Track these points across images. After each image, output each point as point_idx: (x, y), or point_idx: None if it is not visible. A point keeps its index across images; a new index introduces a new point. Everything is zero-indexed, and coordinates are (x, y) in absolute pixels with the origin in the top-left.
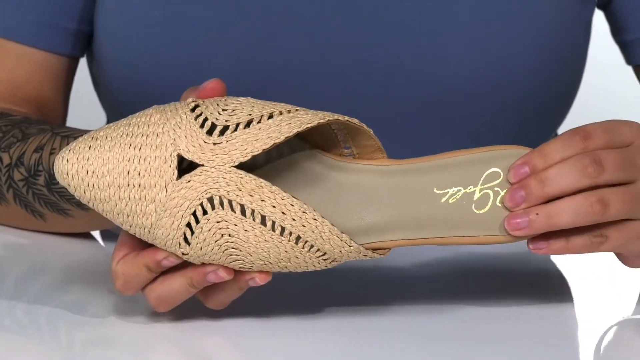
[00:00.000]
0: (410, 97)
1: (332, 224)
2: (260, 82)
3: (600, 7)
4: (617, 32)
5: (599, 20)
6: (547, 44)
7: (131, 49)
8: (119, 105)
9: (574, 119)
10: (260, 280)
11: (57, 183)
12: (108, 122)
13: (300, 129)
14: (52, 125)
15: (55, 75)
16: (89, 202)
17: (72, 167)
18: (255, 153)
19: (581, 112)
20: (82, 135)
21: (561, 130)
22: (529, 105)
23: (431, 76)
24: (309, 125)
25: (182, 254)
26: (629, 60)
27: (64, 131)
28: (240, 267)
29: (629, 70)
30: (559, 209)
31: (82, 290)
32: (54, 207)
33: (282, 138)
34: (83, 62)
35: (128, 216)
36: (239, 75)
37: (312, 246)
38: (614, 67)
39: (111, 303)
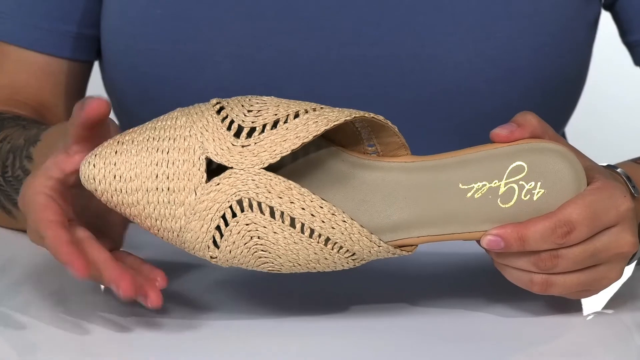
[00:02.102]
0: (409, 97)
1: (361, 225)
2: (260, 81)
3: (606, 8)
4: (624, 33)
5: (604, 21)
6: (548, 43)
7: (132, 47)
8: (123, 104)
9: (579, 119)
10: (151, 302)
11: (8, 172)
12: (119, 124)
13: (327, 127)
14: (29, 120)
15: (56, 79)
16: (116, 207)
17: (99, 172)
18: (284, 154)
19: (587, 113)
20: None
21: (568, 130)
22: (530, 104)
23: (430, 75)
24: (336, 123)
25: (211, 257)
26: (636, 61)
27: (29, 124)
28: (269, 270)
29: (635, 70)
30: (506, 269)
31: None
32: (13, 201)
33: (310, 137)
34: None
35: (156, 220)
36: (238, 74)
37: (341, 247)
38: (620, 67)
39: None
